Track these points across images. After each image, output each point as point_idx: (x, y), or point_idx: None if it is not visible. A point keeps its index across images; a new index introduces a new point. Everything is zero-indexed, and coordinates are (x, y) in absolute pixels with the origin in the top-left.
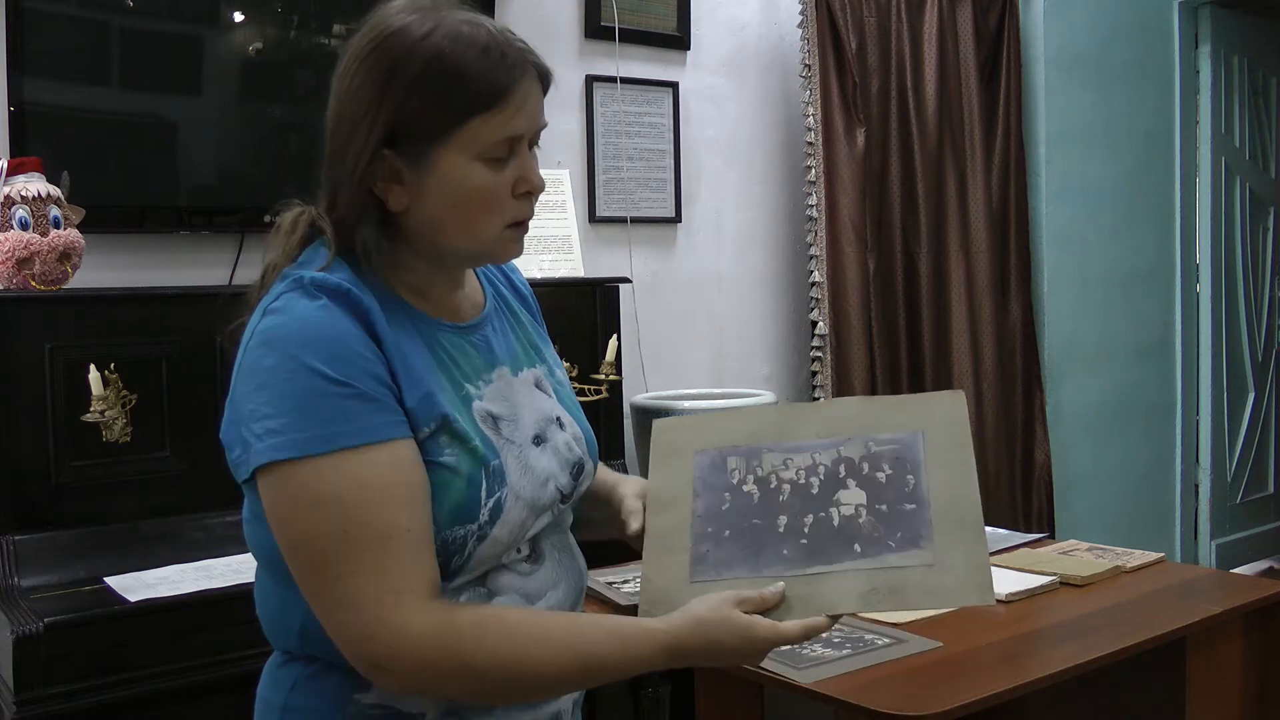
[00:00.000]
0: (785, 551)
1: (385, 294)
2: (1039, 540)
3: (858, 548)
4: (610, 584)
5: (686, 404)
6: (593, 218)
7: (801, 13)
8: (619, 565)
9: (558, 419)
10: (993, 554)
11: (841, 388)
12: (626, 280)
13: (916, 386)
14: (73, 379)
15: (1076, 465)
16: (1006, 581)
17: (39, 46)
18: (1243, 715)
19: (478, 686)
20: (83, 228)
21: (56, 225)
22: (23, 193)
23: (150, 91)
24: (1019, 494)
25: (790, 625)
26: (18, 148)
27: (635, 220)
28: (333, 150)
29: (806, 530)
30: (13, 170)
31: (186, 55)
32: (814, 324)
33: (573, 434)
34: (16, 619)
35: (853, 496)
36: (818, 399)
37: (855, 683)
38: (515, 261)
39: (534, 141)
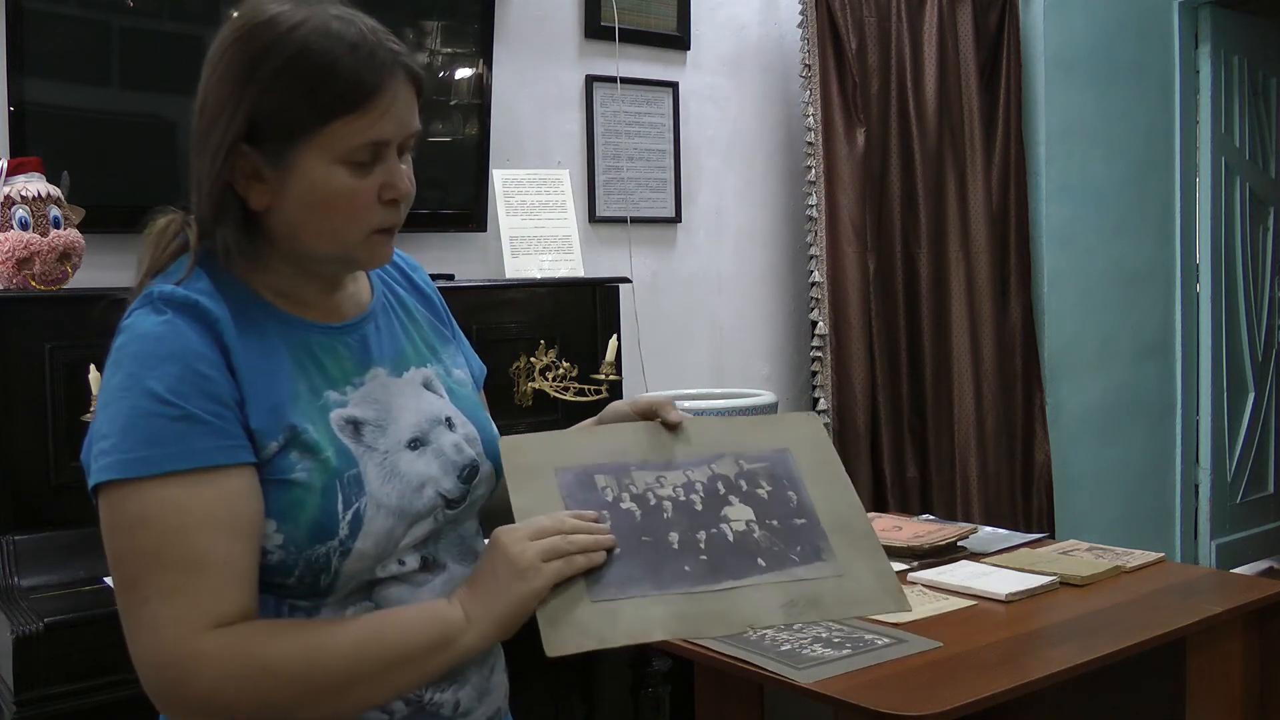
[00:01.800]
0: (687, 568)
1: (248, 299)
2: (1039, 540)
3: (761, 562)
4: None
5: (686, 404)
6: (593, 218)
7: (801, 13)
8: None
9: (447, 419)
10: (993, 554)
11: (841, 388)
12: (626, 280)
13: (916, 386)
14: (73, 379)
15: (1076, 465)
16: (1006, 581)
17: (39, 46)
18: (1243, 715)
19: (277, 689)
20: (83, 228)
21: (56, 225)
22: (23, 193)
23: (150, 91)
24: (1019, 494)
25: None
26: (18, 148)
27: (635, 220)
28: (194, 142)
29: (703, 546)
30: (13, 170)
31: (186, 55)
32: (814, 324)
33: (465, 435)
34: (16, 619)
35: (740, 513)
36: (818, 399)
37: (855, 683)
38: (421, 260)
39: (405, 147)
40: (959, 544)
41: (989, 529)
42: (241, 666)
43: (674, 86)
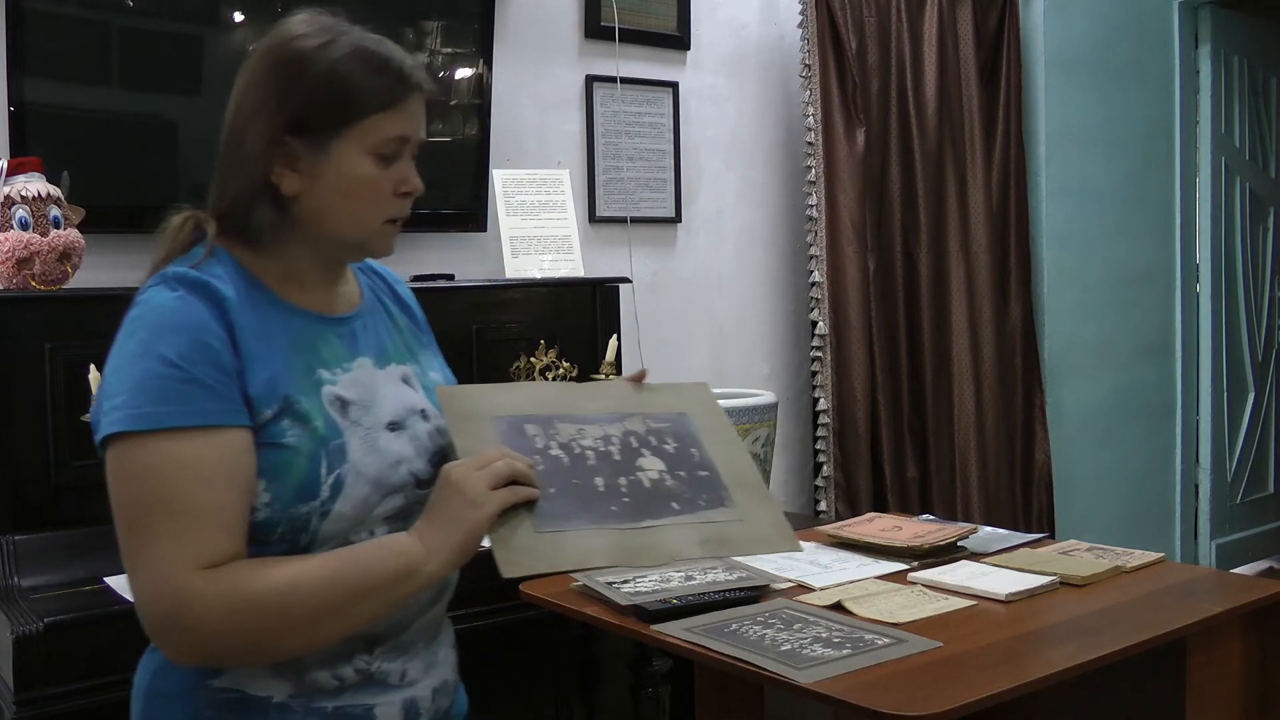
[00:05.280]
0: (613, 508)
1: (253, 285)
2: (1039, 540)
3: (675, 505)
4: (610, 584)
5: None
6: (593, 218)
7: (801, 13)
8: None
9: (422, 411)
10: (993, 554)
11: (841, 388)
12: (626, 280)
13: (916, 387)
14: (73, 379)
15: (1076, 465)
16: (1006, 581)
17: (39, 46)
18: (1243, 715)
19: (256, 620)
20: (83, 228)
21: (56, 225)
22: (23, 193)
23: (150, 91)
24: (1019, 494)
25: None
26: (18, 148)
27: (635, 220)
28: (231, 136)
29: (624, 490)
30: (13, 170)
31: (186, 55)
32: (814, 324)
33: (437, 426)
34: (16, 619)
35: (652, 464)
36: (818, 399)
37: (855, 683)
38: (399, 271)
39: (414, 151)
40: (959, 544)
41: (989, 529)
42: (226, 600)
43: (674, 86)
